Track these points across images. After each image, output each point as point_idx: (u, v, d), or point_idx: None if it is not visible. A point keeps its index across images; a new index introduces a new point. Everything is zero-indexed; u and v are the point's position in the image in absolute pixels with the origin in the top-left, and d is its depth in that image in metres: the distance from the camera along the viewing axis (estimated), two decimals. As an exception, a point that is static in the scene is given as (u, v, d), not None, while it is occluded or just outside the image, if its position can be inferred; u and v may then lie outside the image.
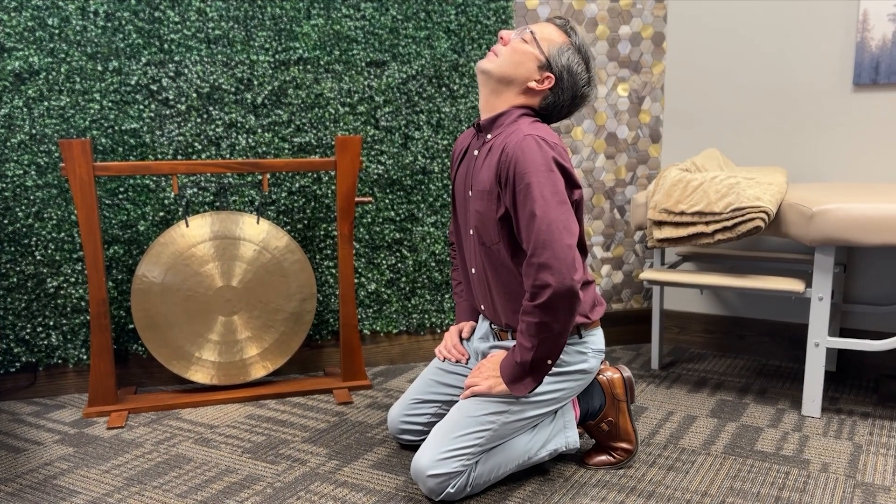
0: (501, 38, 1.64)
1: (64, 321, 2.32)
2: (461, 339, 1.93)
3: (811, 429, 2.02)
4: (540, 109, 1.67)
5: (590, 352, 1.71)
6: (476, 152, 1.70)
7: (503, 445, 1.68)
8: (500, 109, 1.66)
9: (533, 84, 1.63)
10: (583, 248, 1.69)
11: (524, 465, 1.72)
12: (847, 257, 2.43)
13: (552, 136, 1.58)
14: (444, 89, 2.49)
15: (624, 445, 1.80)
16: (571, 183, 1.57)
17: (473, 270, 1.78)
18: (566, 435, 1.74)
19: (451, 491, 1.62)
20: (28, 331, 2.30)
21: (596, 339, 1.73)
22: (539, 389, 1.66)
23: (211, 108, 2.33)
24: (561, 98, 1.65)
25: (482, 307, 1.81)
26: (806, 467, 1.80)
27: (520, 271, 1.60)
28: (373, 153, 2.47)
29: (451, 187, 1.80)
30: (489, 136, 1.66)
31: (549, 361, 1.56)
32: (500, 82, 1.63)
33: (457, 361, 1.88)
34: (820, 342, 2.03)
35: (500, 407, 1.64)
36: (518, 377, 1.59)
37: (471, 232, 1.73)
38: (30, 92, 2.20)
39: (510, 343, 1.75)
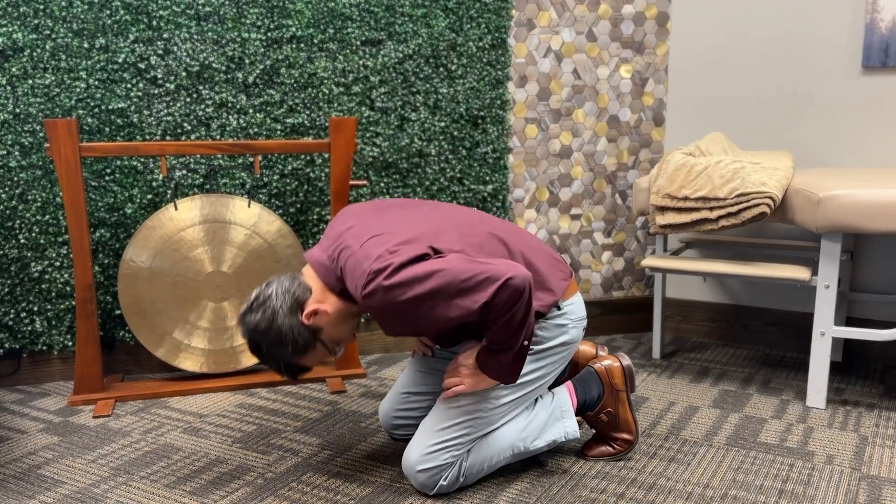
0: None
1: (49, 307, 2.28)
2: None
3: (816, 420, 2.00)
4: (338, 288, 1.61)
5: (570, 323, 1.68)
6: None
7: (496, 434, 1.65)
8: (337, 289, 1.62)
9: (314, 307, 1.58)
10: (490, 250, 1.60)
11: (521, 456, 1.69)
12: (854, 244, 2.41)
13: (364, 267, 1.49)
14: (441, 70, 2.43)
15: (624, 436, 1.77)
16: (417, 259, 1.47)
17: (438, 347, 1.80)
18: (564, 425, 1.72)
19: (444, 483, 1.60)
20: (11, 316, 2.26)
21: (574, 307, 1.69)
22: (525, 368, 1.63)
23: (201, 88, 2.28)
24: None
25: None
26: (810, 459, 1.78)
27: (486, 325, 1.54)
28: (368, 135, 2.41)
29: None
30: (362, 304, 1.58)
31: (525, 343, 1.53)
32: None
33: (424, 354, 1.84)
34: (826, 331, 2.01)
35: (485, 392, 1.61)
36: (501, 368, 1.56)
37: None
38: (13, 69, 2.15)
39: None
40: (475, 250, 1.55)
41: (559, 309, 1.66)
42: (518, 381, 1.63)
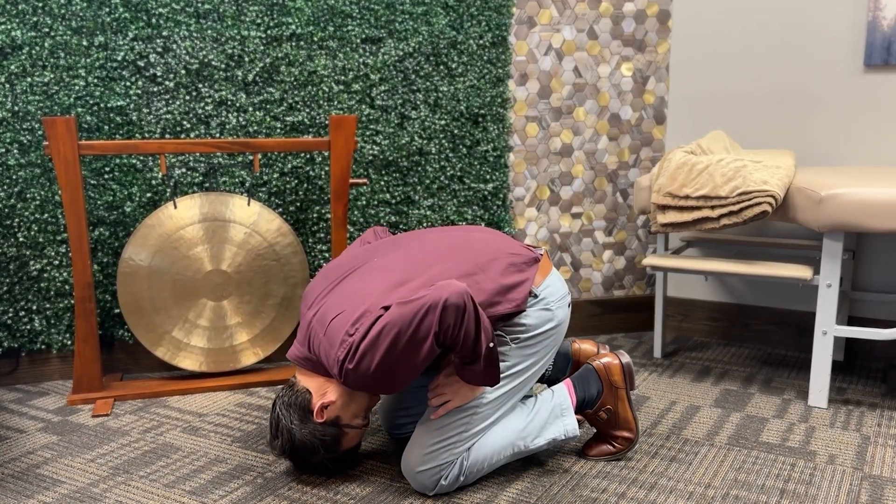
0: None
1: (47, 305, 2.27)
2: None
3: (818, 420, 1.99)
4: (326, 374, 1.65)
5: (552, 304, 1.67)
6: None
7: (495, 433, 1.65)
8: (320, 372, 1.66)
9: (321, 399, 1.64)
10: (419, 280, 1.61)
11: (521, 454, 1.68)
12: (856, 243, 2.40)
13: (332, 357, 1.53)
14: (441, 67, 2.42)
15: (624, 434, 1.76)
16: (369, 329, 1.50)
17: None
18: (564, 423, 1.71)
19: (444, 483, 1.60)
20: (10, 315, 2.25)
21: (552, 288, 1.68)
22: (514, 359, 1.63)
23: (200, 86, 2.27)
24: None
25: None
26: (812, 459, 1.77)
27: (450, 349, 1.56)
28: (368, 133, 2.40)
29: None
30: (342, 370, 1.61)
31: (491, 345, 1.52)
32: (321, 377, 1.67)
33: None
34: (827, 331, 2.00)
35: (477, 388, 1.61)
36: (478, 375, 1.55)
37: None
38: (12, 67, 2.14)
39: None
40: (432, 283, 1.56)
41: (536, 297, 1.65)
42: (511, 372, 1.63)
